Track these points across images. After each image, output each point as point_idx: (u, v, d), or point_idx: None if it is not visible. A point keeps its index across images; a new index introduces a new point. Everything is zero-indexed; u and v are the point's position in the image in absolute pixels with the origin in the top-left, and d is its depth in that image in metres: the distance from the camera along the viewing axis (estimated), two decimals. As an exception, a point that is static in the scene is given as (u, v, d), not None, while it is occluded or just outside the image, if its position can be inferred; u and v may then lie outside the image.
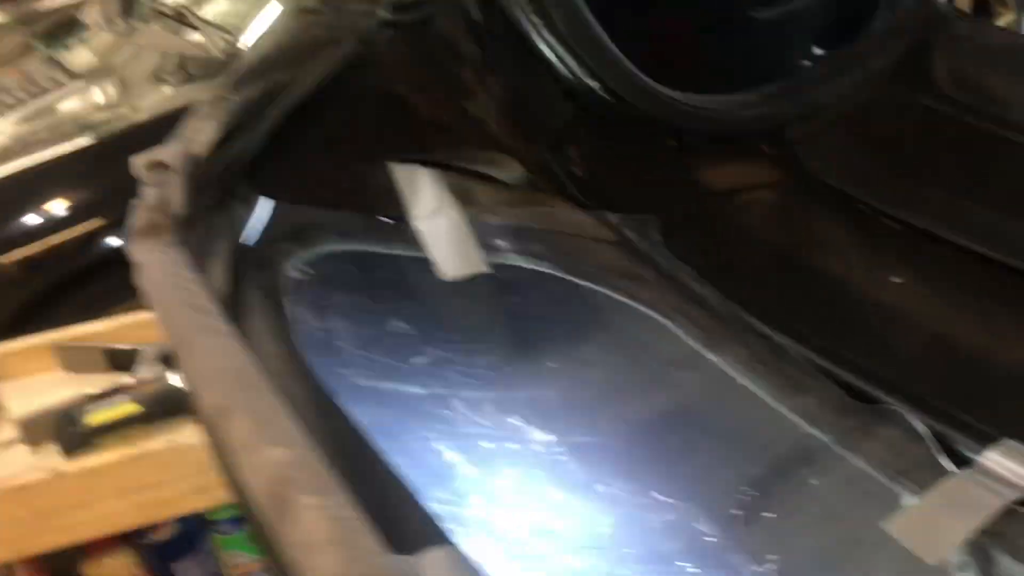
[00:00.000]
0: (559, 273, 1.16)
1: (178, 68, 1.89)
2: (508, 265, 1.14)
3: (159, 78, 1.89)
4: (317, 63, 1.08)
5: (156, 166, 0.95)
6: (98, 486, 1.09)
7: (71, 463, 1.11)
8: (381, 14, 1.14)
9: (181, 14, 1.93)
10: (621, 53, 1.32)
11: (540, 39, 1.25)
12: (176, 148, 0.97)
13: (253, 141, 1.04)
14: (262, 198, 1.03)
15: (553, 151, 1.33)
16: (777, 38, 1.60)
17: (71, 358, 1.34)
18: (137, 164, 0.97)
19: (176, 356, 0.74)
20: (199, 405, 0.69)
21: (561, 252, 1.20)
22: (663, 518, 0.88)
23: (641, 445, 0.96)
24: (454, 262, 1.10)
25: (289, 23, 1.19)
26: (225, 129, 0.99)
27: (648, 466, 0.94)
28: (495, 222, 1.19)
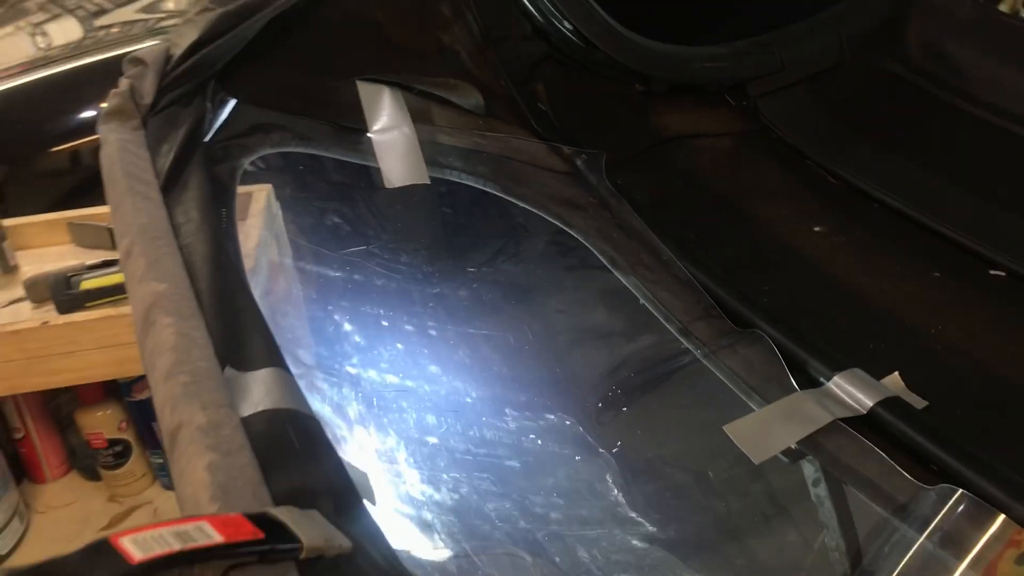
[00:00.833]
0: (499, 194, 1.28)
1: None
2: (452, 181, 1.26)
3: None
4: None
5: (135, 61, 1.10)
6: (82, 338, 1.27)
7: (61, 317, 1.29)
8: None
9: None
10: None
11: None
12: (158, 48, 1.12)
13: (229, 48, 1.18)
14: (231, 100, 1.16)
15: (520, 87, 1.44)
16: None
17: (81, 234, 1.52)
18: (124, 60, 1.12)
19: (111, 212, 0.89)
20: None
21: (506, 176, 1.31)
22: (531, 402, 1.00)
23: (531, 340, 1.08)
24: (400, 173, 1.22)
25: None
26: (204, 35, 1.13)
27: (532, 358, 1.06)
28: (448, 143, 1.31)
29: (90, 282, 1.34)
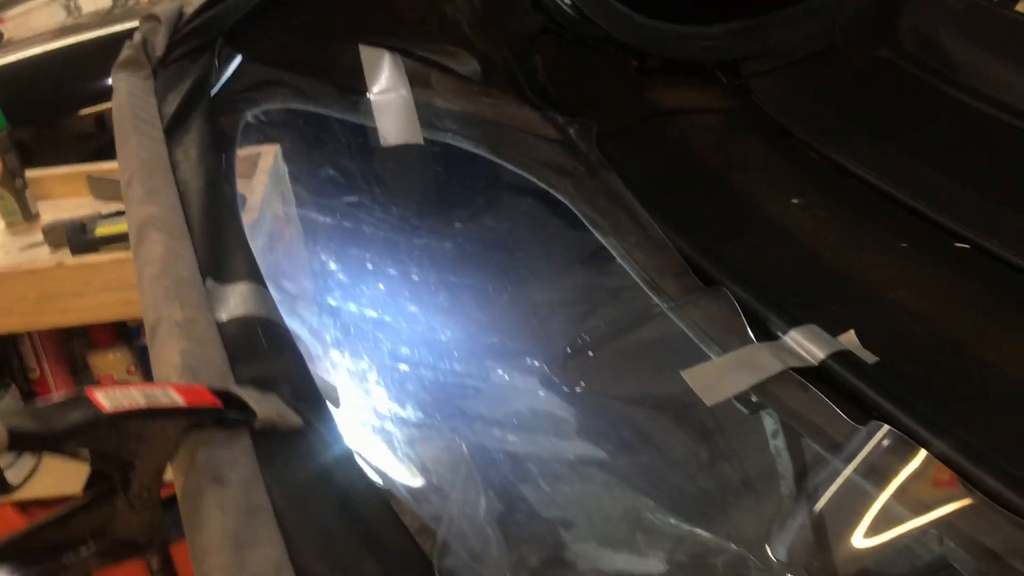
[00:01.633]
0: (490, 156, 1.34)
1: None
2: (446, 143, 1.33)
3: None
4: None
5: (150, 17, 1.18)
6: (93, 279, 1.35)
7: (74, 259, 1.37)
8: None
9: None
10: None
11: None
12: (171, 6, 1.20)
13: (239, 7, 1.25)
14: (237, 57, 1.24)
15: (518, 58, 1.51)
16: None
17: (99, 187, 1.60)
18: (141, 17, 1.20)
19: (116, 149, 0.96)
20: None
21: (499, 140, 1.38)
22: (503, 344, 1.07)
23: (508, 291, 1.14)
24: (395, 132, 1.29)
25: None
26: (215, -4, 1.21)
27: (507, 307, 1.12)
28: (445, 107, 1.37)
29: (104, 228, 1.42)
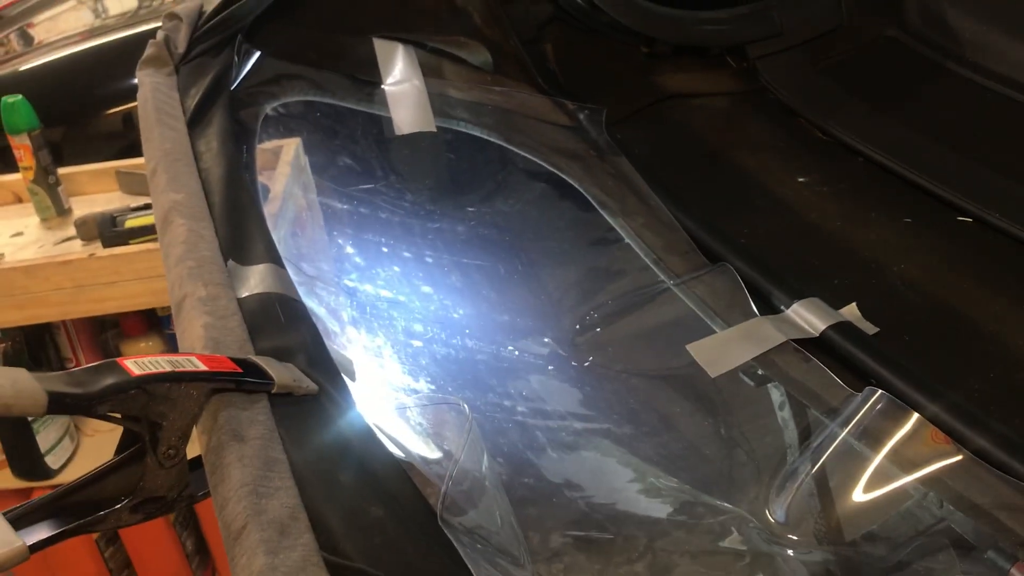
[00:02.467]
0: (502, 143, 1.38)
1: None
2: (458, 131, 1.37)
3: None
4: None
5: (172, 16, 1.23)
6: (124, 269, 1.41)
7: (106, 251, 1.43)
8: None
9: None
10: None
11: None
12: (192, 5, 1.26)
13: (256, 5, 1.30)
14: (256, 53, 1.29)
15: (528, 46, 1.55)
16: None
17: (128, 182, 1.67)
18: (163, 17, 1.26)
19: (142, 143, 1.02)
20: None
21: (511, 127, 1.42)
22: (514, 322, 1.11)
23: (519, 271, 1.19)
24: (409, 121, 1.34)
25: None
26: (234, -6, 1.26)
27: (518, 286, 1.17)
28: (457, 96, 1.42)
29: (133, 221, 1.48)
